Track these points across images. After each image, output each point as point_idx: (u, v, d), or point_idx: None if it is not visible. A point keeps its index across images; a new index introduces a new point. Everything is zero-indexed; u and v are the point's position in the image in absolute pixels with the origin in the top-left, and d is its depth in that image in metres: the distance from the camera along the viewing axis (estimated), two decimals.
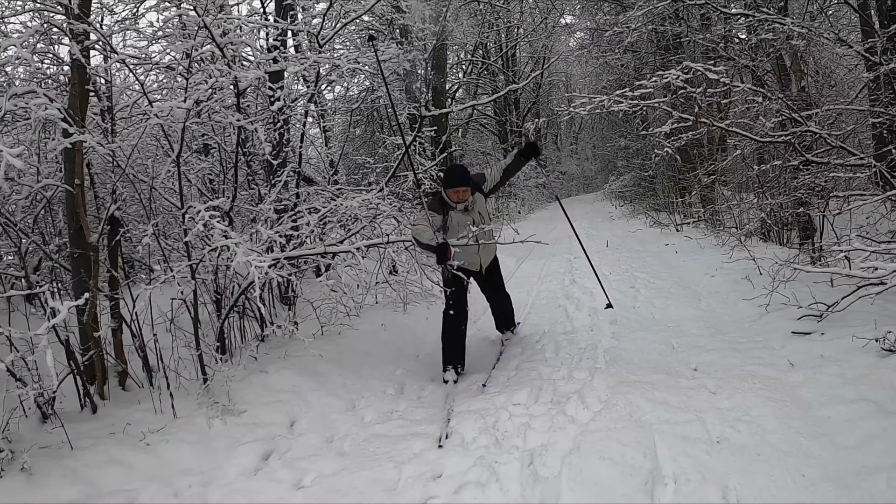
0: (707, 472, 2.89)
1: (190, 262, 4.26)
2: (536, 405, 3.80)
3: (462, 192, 4.68)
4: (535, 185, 23.21)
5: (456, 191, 4.67)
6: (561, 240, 12.12)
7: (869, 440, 3.03)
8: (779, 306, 5.19)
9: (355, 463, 3.37)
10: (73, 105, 4.05)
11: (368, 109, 12.66)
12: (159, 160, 5.30)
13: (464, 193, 4.69)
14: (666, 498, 2.76)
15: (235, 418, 3.98)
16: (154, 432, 3.80)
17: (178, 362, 4.42)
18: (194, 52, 4.58)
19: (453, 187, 4.67)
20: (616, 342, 5.04)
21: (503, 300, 5.46)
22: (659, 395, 3.67)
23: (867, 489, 2.70)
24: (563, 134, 36.99)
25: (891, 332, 3.86)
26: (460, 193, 4.68)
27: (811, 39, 5.40)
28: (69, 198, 4.25)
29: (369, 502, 2.90)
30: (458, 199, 4.70)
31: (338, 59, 5.55)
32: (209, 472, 3.43)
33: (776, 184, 6.76)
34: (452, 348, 4.85)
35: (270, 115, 5.54)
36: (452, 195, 4.70)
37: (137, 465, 3.50)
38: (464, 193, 4.69)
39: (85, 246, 4.26)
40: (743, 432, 3.20)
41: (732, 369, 4.13)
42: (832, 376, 3.73)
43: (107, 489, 3.26)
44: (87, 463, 3.45)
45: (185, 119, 4.00)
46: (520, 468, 3.03)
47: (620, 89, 5.56)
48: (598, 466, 2.92)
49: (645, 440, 3.15)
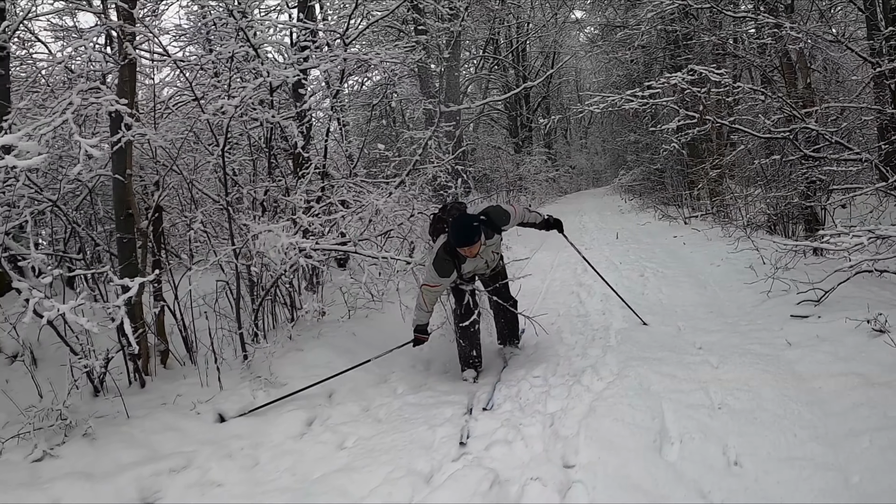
0: (709, 432, 3.24)
1: (234, 247, 4.63)
2: (554, 377, 4.19)
3: (472, 249, 4.31)
4: (545, 178, 23.46)
5: (464, 249, 4.32)
6: (571, 232, 12.41)
7: (855, 407, 3.36)
8: (780, 293, 5.52)
9: (392, 427, 3.76)
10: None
11: (384, 105, 13.00)
12: (200, 153, 5.68)
13: (474, 249, 4.32)
14: (672, 454, 3.12)
15: (277, 390, 4.35)
16: (203, 402, 4.16)
17: (219, 342, 4.76)
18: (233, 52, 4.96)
19: (461, 247, 4.30)
20: (626, 325, 5.39)
21: (508, 307, 5.03)
22: (666, 369, 4.03)
23: (851, 447, 3.03)
24: (573, 128, 37.18)
25: (881, 314, 4.19)
26: (470, 250, 4.32)
27: (810, 41, 5.69)
28: (118, 186, 4.58)
29: (408, 458, 3.26)
30: (469, 254, 4.35)
31: (366, 55, 5.85)
32: (258, 436, 3.79)
33: (776, 177, 7.06)
34: (468, 350, 4.76)
35: (297, 111, 5.87)
36: (462, 251, 4.34)
37: (191, 430, 3.85)
38: (474, 249, 4.32)
39: (132, 231, 4.61)
40: (742, 399, 3.55)
41: (734, 348, 4.46)
42: (826, 353, 4.06)
43: (165, 452, 3.59)
44: (144, 429, 3.79)
45: (232, 116, 4.34)
46: (542, 429, 3.41)
47: (630, 84, 5.88)
48: (611, 427, 3.29)
49: (653, 406, 3.51)
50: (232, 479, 3.33)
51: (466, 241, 4.25)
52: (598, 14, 19.27)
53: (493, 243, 4.58)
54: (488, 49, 23.16)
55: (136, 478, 3.27)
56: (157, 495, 3.22)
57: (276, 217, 5.49)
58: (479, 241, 4.29)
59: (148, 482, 3.27)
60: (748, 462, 3.01)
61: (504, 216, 4.64)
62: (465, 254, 4.34)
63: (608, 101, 5.56)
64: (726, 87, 5.15)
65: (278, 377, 4.48)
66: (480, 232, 4.29)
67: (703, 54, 11.50)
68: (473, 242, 4.25)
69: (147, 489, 3.23)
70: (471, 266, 4.55)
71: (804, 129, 5.17)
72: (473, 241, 4.25)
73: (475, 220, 4.34)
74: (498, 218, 4.60)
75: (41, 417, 3.63)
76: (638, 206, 17.46)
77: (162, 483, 3.28)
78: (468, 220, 4.33)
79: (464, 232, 4.26)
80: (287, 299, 5.69)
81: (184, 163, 5.37)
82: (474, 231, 4.25)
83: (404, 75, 11.42)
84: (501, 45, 24.01)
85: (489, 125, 26.69)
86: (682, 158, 13.04)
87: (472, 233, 4.25)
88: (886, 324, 4.10)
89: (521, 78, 24.72)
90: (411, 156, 7.90)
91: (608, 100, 5.59)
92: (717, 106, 7.13)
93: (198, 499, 3.20)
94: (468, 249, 4.28)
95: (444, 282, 4.46)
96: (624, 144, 21.28)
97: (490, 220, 4.52)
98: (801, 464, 2.94)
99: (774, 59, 8.55)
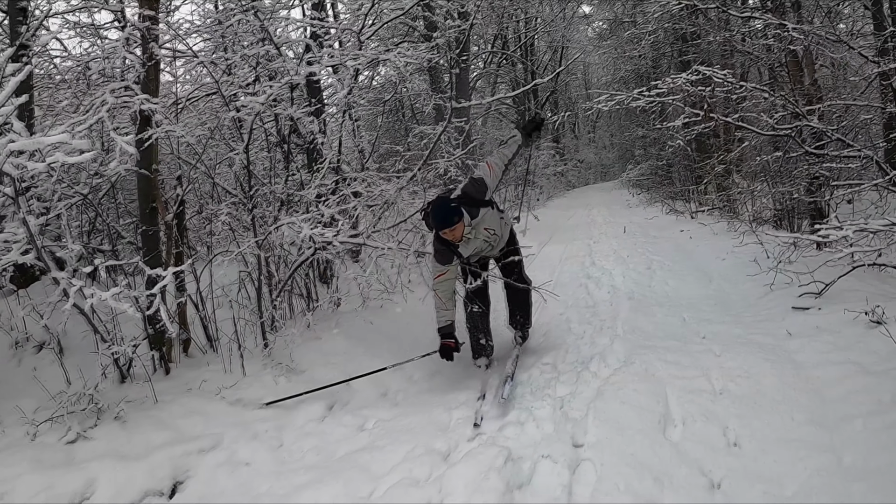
0: (710, 415, 3.43)
1: (256, 239, 4.82)
2: (564, 364, 4.38)
3: (454, 231, 4.22)
4: (553, 173, 23.59)
5: (445, 232, 4.24)
6: (580, 226, 12.62)
7: (851, 394, 3.53)
8: (782, 286, 5.69)
9: (410, 410, 3.96)
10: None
11: (394, 101, 13.17)
12: (217, 148, 5.88)
13: (457, 230, 4.22)
14: (675, 435, 3.31)
15: (297, 376, 4.55)
16: (227, 388, 4.35)
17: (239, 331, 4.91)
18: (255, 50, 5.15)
19: (442, 230, 4.24)
20: (633, 315, 5.57)
21: (520, 287, 4.90)
22: (671, 357, 4.22)
23: (845, 430, 3.21)
24: (581, 123, 37.23)
25: (879, 306, 4.35)
26: (453, 233, 4.24)
27: (813, 39, 5.81)
28: (143, 181, 4.77)
29: (426, 438, 3.46)
30: (454, 237, 4.27)
31: (385, 54, 6.01)
32: (282, 419, 3.98)
33: (779, 173, 7.20)
34: (477, 337, 4.79)
35: (313, 107, 6.05)
36: (445, 235, 4.27)
37: (217, 414, 4.02)
38: (457, 230, 4.22)
39: (157, 224, 4.81)
40: (742, 386, 3.73)
41: (737, 338, 4.64)
42: (825, 343, 4.23)
43: (193, 434, 3.76)
44: (172, 413, 3.96)
45: (258, 113, 4.53)
46: (552, 411, 3.61)
47: (638, 79, 6.03)
48: (618, 409, 3.48)
49: (658, 390, 3.70)
50: (259, 458, 3.51)
51: (444, 224, 4.18)
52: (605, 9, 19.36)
53: (482, 220, 4.41)
54: (497, 44, 23.24)
55: (168, 457, 3.44)
56: (188, 474, 3.39)
57: (291, 211, 5.67)
58: (461, 222, 4.20)
59: (179, 461, 3.43)
60: (747, 443, 3.19)
61: (479, 185, 4.46)
62: (449, 237, 4.27)
63: (616, 100, 5.73)
64: (729, 85, 5.29)
65: (298, 364, 4.68)
66: (458, 213, 4.19)
67: (710, 51, 11.63)
68: (453, 224, 4.17)
69: (178, 468, 3.40)
70: (470, 249, 4.47)
71: (806, 126, 5.33)
72: (452, 222, 4.17)
73: (451, 202, 4.25)
74: (475, 190, 4.43)
75: (72, 402, 3.77)
76: (646, 200, 17.58)
77: (192, 462, 3.45)
78: (443, 203, 4.25)
79: (439, 215, 4.20)
80: (304, 290, 5.89)
81: (207, 157, 5.56)
82: (450, 212, 4.18)
83: (415, 71, 11.61)
84: (510, 40, 24.10)
85: (498, 119, 26.78)
86: (690, 154, 13.16)
87: (449, 214, 4.18)
88: (884, 315, 4.26)
89: (530, 73, 24.84)
90: (422, 150, 8.08)
91: (616, 98, 5.75)
92: (724, 103, 7.27)
93: (227, 477, 3.37)
94: (450, 232, 4.21)
95: (449, 269, 4.37)
96: (632, 139, 21.37)
97: (468, 196, 4.37)
98: (797, 445, 3.12)
99: (781, 56, 8.67)
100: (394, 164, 8.53)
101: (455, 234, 4.23)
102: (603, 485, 2.85)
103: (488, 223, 4.44)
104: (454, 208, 4.20)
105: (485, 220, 4.41)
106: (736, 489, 2.86)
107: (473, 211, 4.32)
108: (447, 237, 4.27)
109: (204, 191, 6.15)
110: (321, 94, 6.90)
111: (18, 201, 3.10)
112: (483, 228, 4.42)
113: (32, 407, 3.81)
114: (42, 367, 4.42)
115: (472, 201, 4.34)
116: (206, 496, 3.22)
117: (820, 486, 2.81)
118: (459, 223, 4.19)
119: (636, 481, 2.86)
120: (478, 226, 4.38)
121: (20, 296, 5.12)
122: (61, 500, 3.05)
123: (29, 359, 4.57)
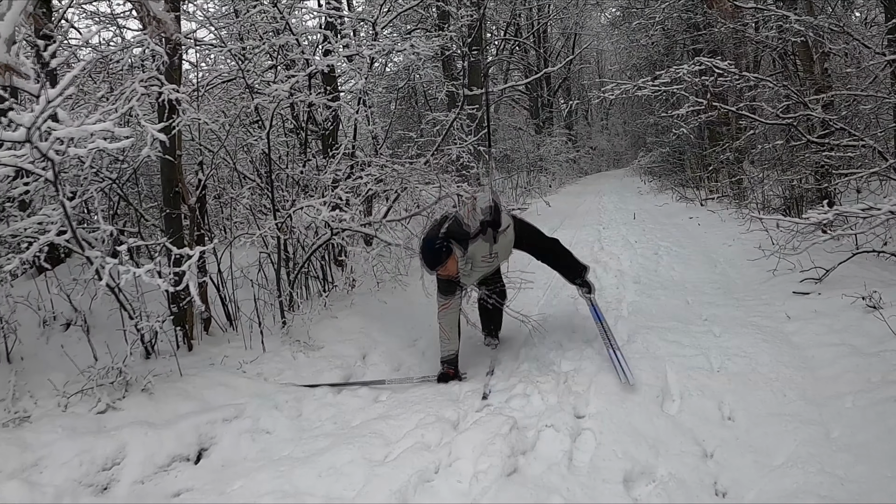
0: (706, 391, 3.62)
1: (276, 221, 5.03)
2: (569, 342, 4.59)
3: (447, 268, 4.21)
4: (565, 159, 23.67)
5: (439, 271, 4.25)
6: (590, 212, 12.76)
7: (843, 373, 3.71)
8: (785, 271, 5.84)
9: (422, 384, 4.17)
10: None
11: (407, 87, 13.34)
12: (237, 135, 6.08)
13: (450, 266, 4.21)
14: (673, 408, 3.51)
15: (315, 352, 4.77)
16: (248, 363, 4.58)
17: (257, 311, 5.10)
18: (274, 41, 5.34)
19: (434, 269, 4.24)
20: (638, 298, 5.75)
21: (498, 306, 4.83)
22: (672, 337, 4.41)
23: (835, 406, 3.39)
24: (594, 109, 37.17)
25: (876, 292, 4.51)
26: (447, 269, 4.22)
27: (812, 33, 5.91)
28: (167, 166, 4.98)
29: (437, 408, 3.67)
30: (450, 273, 4.28)
31: (399, 44, 6.19)
32: (301, 392, 4.18)
33: (788, 162, 7.31)
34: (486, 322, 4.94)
35: (329, 95, 6.24)
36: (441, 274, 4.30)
37: (240, 386, 4.23)
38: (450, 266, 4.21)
39: (179, 208, 5.02)
40: (739, 364, 3.92)
41: (737, 320, 4.81)
42: (821, 326, 4.41)
43: (217, 404, 3.97)
44: (197, 385, 4.17)
45: (280, 101, 4.72)
46: (556, 384, 3.82)
47: (651, 67, 6.15)
48: (619, 384, 3.68)
49: (658, 367, 3.90)
50: (280, 426, 3.73)
51: (436, 264, 4.18)
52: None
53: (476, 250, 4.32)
54: (510, 31, 23.29)
55: (194, 425, 3.64)
56: (213, 440, 3.60)
57: (307, 194, 5.87)
58: (452, 257, 4.17)
59: (204, 429, 3.64)
60: (740, 416, 3.39)
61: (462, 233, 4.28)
62: (444, 275, 4.28)
63: (622, 89, 5.87)
64: (730, 76, 5.41)
65: (316, 340, 4.90)
66: (446, 251, 4.14)
67: (722, 38, 11.64)
68: (444, 262, 4.15)
69: (204, 435, 3.61)
70: (473, 279, 4.50)
71: (808, 115, 5.45)
72: (441, 261, 4.15)
73: (437, 241, 4.18)
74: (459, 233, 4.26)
75: (101, 375, 3.94)
76: (657, 187, 17.65)
77: (217, 430, 3.66)
78: (429, 245, 4.22)
79: (428, 257, 4.20)
80: (320, 272, 6.11)
81: (228, 144, 5.76)
82: (437, 252, 4.15)
83: (428, 59, 11.75)
84: (523, 27, 24.12)
85: (510, 106, 26.84)
86: (694, 141, 13.20)
87: (436, 254, 4.16)
88: (880, 301, 4.42)
89: (543, 60, 24.86)
90: (435, 137, 8.25)
91: (622, 87, 5.89)
92: (736, 92, 7.37)
93: (249, 443, 3.60)
94: (444, 269, 4.20)
95: (452, 300, 4.40)
96: (644, 126, 21.38)
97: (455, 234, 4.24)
98: (788, 419, 3.31)
99: (790, 45, 8.73)
100: (407, 150, 8.73)
101: (449, 269, 4.22)
102: (602, 451, 3.05)
103: (483, 252, 4.35)
104: (440, 247, 4.15)
105: (479, 249, 4.32)
106: (728, 458, 3.06)
107: (464, 244, 4.23)
108: (443, 275, 4.29)
109: (222, 176, 6.36)
110: (336, 82, 7.08)
111: (58, 185, 3.30)
112: (480, 258, 4.37)
113: (62, 381, 3.99)
114: (69, 345, 4.57)
115: (460, 237, 4.24)
116: (230, 461, 3.44)
117: (807, 456, 2.99)
118: (451, 259, 4.17)
119: (633, 449, 3.07)
120: (473, 257, 4.33)
121: (48, 276, 5.33)
122: (97, 462, 3.25)
123: (56, 336, 4.76)
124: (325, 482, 2.97)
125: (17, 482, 2.93)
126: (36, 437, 3.29)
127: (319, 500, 2.84)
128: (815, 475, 2.82)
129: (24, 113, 2.65)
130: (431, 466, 2.98)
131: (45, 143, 2.81)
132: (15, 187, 4.44)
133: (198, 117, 4.41)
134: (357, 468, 3.03)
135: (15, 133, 2.61)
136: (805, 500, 2.66)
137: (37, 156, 2.84)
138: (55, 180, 3.26)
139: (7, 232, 4.03)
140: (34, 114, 2.58)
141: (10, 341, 4.21)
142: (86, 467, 3.18)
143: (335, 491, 2.91)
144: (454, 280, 4.36)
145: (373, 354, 4.77)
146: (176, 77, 4.92)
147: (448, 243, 4.14)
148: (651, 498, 2.78)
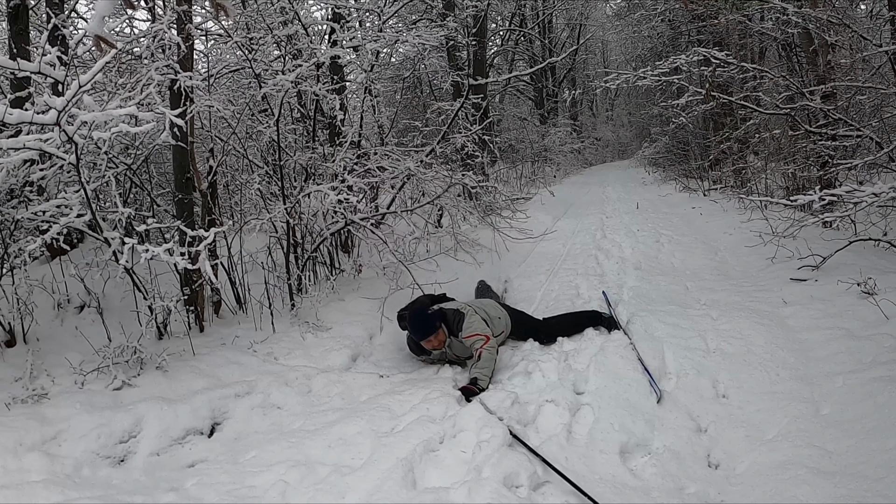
0: (702, 370, 3.76)
1: (285, 207, 5.16)
2: None
3: (434, 340, 4.24)
4: (569, 150, 23.71)
5: (426, 342, 4.27)
6: (594, 202, 12.86)
7: (835, 355, 3.84)
8: (784, 259, 5.95)
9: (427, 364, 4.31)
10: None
11: (412, 77, 13.41)
12: (246, 122, 6.19)
13: (440, 336, 4.23)
14: (669, 386, 3.65)
15: (324, 333, 4.90)
16: (258, 343, 4.70)
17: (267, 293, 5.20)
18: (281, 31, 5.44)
19: (421, 341, 4.27)
20: (639, 283, 5.88)
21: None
22: (670, 319, 4.55)
23: (826, 385, 3.52)
24: (599, 100, 37.12)
25: (871, 278, 4.63)
26: (433, 342, 4.25)
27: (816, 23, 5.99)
28: (179, 152, 5.10)
29: (442, 385, 3.81)
30: (433, 346, 4.28)
31: (406, 38, 6.28)
32: (310, 370, 4.33)
33: (781, 151, 7.39)
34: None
35: (336, 85, 6.34)
36: (426, 345, 4.29)
37: (251, 364, 4.36)
38: (440, 336, 4.23)
39: (191, 193, 5.14)
40: (734, 345, 4.05)
41: (735, 304, 4.94)
42: (816, 311, 4.53)
43: (229, 381, 4.10)
44: (209, 364, 4.30)
45: (288, 90, 4.84)
46: (557, 364, 3.96)
47: (656, 57, 6.23)
48: (617, 363, 3.83)
49: (656, 348, 4.04)
50: (290, 402, 3.87)
51: (426, 335, 4.21)
52: None
53: (457, 344, 4.27)
54: (514, 21, 23.28)
55: (207, 401, 3.77)
56: (226, 415, 3.74)
57: (315, 182, 5.98)
58: (441, 330, 4.21)
59: (218, 404, 3.77)
60: (734, 394, 3.53)
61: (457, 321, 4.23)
62: (428, 347, 4.28)
63: (623, 78, 5.97)
64: (727, 66, 5.50)
65: (324, 322, 5.03)
66: (438, 319, 4.22)
67: (727, 28, 11.68)
68: (435, 331, 4.19)
69: (217, 409, 3.75)
70: (438, 355, 4.42)
71: (806, 105, 5.55)
72: (434, 330, 4.19)
73: (428, 311, 4.26)
74: (454, 323, 4.23)
75: (116, 354, 4.05)
76: (661, 178, 17.73)
77: (229, 405, 3.79)
78: (420, 314, 4.25)
79: (419, 327, 4.22)
80: (327, 258, 6.23)
81: (240, 131, 5.88)
82: (429, 320, 4.20)
83: (433, 48, 11.83)
84: (528, 18, 24.11)
85: (515, 96, 26.85)
86: (694, 131, 13.23)
87: (428, 322, 4.20)
88: (875, 287, 4.54)
89: (548, 50, 24.87)
90: (440, 126, 8.33)
91: (623, 76, 5.99)
92: (738, 82, 7.44)
93: (261, 418, 3.74)
94: (433, 340, 4.22)
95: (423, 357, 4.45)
96: (648, 117, 21.40)
97: (445, 318, 4.28)
98: (780, 396, 3.45)
99: (793, 37, 8.78)
100: (412, 139, 8.82)
101: (438, 340, 4.23)
102: (599, 424, 3.20)
103: (459, 351, 4.33)
104: (433, 316, 4.22)
105: (460, 344, 4.24)
106: (721, 432, 3.21)
107: (453, 328, 4.24)
108: (427, 347, 4.29)
109: (231, 164, 6.46)
110: (342, 72, 7.18)
111: (79, 168, 3.43)
112: (455, 352, 4.36)
113: (78, 360, 4.10)
114: (83, 326, 4.67)
115: (448, 322, 4.26)
116: (243, 433, 3.58)
117: (797, 430, 3.13)
118: (440, 331, 4.21)
119: (630, 422, 3.21)
120: (452, 345, 4.31)
121: (62, 260, 5.46)
122: (114, 434, 3.39)
123: (71, 318, 4.87)
124: (335, 451, 3.12)
125: (37, 454, 3.06)
126: (55, 411, 3.41)
127: (329, 467, 2.98)
128: (804, 448, 2.95)
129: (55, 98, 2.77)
130: (436, 437, 3.12)
131: (71, 127, 2.94)
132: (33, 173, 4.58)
133: (210, 104, 4.51)
134: (365, 439, 3.17)
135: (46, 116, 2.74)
136: (793, 471, 2.79)
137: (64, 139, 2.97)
138: (77, 164, 3.39)
139: (27, 215, 4.16)
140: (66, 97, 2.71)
141: (27, 323, 4.32)
142: (104, 440, 3.31)
143: (344, 459, 3.05)
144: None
145: (380, 335, 4.90)
146: (188, 66, 5.04)
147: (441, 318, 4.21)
148: (646, 468, 2.92)
